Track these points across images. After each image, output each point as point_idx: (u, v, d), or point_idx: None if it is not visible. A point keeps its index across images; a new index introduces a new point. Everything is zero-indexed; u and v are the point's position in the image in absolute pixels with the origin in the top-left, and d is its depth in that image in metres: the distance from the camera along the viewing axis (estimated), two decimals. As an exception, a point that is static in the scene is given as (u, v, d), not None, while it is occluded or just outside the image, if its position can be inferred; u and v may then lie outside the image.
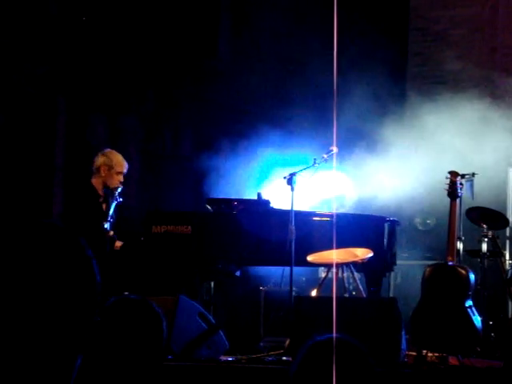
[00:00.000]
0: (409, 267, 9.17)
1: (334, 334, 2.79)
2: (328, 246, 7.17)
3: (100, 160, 7.52)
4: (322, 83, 8.44)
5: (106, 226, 7.05)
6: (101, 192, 7.52)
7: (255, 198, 7.85)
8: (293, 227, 7.01)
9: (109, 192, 7.45)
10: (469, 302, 6.78)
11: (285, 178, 7.17)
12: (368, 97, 9.63)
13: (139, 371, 2.84)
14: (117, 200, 7.20)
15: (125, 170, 7.54)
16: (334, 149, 7.25)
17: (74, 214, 7.47)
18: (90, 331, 1.77)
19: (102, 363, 2.73)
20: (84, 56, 9.83)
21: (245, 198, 8.20)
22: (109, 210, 7.19)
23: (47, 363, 1.69)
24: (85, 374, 2.34)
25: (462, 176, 7.52)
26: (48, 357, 1.70)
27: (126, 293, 6.30)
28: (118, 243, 7.44)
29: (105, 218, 7.11)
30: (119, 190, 7.25)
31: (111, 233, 7.17)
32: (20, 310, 1.68)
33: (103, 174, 7.48)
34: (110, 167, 7.47)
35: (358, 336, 3.26)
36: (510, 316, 8.37)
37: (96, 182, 7.54)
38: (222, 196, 8.50)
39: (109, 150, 7.68)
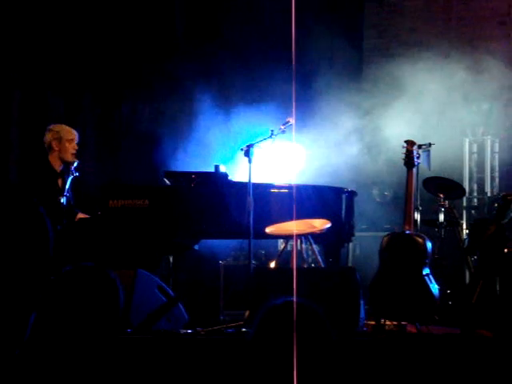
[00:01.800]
0: (367, 239, 9.22)
1: (294, 298, 2.79)
2: (286, 218, 7.18)
3: (48, 136, 7.50)
4: (281, 57, 8.42)
5: (63, 200, 7.01)
6: (58, 169, 7.47)
7: (213, 170, 7.82)
8: (251, 199, 6.98)
9: (65, 168, 7.42)
10: (426, 270, 6.82)
11: (242, 149, 7.13)
12: (325, 69, 9.64)
13: (96, 334, 2.81)
14: (73, 174, 7.16)
15: (75, 138, 7.49)
16: (291, 120, 7.23)
17: (29, 189, 7.39)
18: (44, 288, 1.75)
19: (58, 327, 2.70)
20: (40, 30, 9.72)
21: (202, 170, 8.16)
22: (65, 185, 7.16)
23: (1, 316, 1.67)
24: (41, 336, 2.31)
25: (419, 146, 7.54)
26: (2, 310, 1.67)
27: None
28: (80, 215, 7.41)
29: (61, 192, 7.08)
30: (75, 164, 7.21)
31: (80, 215, 7.18)
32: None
33: (56, 148, 7.45)
34: (60, 138, 7.45)
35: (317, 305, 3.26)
36: (467, 284, 8.45)
37: (52, 158, 7.49)
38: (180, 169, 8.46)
39: (53, 124, 7.64)
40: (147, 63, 10.52)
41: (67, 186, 7.13)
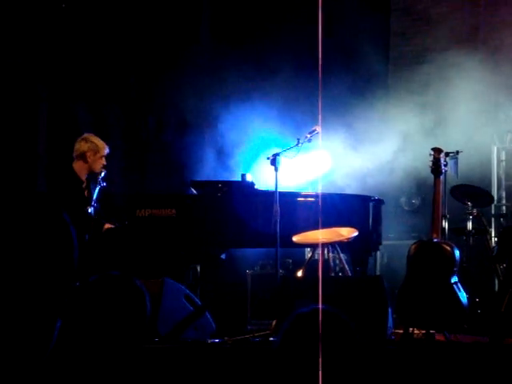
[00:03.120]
0: (395, 247, 9.17)
1: (320, 306, 2.77)
2: (313, 226, 7.16)
3: (84, 146, 7.48)
4: (306, 65, 8.41)
5: (90, 210, 7.04)
6: (83, 177, 7.50)
7: (239, 179, 7.83)
8: (277, 208, 6.98)
9: (91, 177, 7.45)
10: (454, 279, 6.77)
11: (268, 158, 7.13)
12: (351, 76, 9.63)
13: (123, 343, 2.82)
14: (100, 185, 7.20)
15: (107, 153, 7.54)
16: (318, 128, 7.23)
17: (55, 197, 7.42)
18: (69, 295, 1.75)
19: (85, 335, 2.71)
20: (66, 43, 9.78)
21: (229, 180, 8.17)
22: (92, 195, 7.18)
23: (27, 324, 1.67)
24: (68, 344, 2.32)
25: (447, 154, 7.50)
26: (28, 317, 1.68)
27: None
28: (107, 225, 7.43)
29: (88, 203, 7.11)
30: (102, 174, 7.24)
31: (95, 217, 7.18)
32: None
33: (89, 160, 7.47)
34: (96, 152, 7.47)
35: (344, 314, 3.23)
36: (495, 292, 8.39)
37: (79, 167, 7.51)
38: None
39: (88, 134, 7.64)
40: (172, 74, 10.56)
41: (95, 197, 7.15)
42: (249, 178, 7.78)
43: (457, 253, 6.85)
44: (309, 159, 8.09)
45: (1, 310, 1.65)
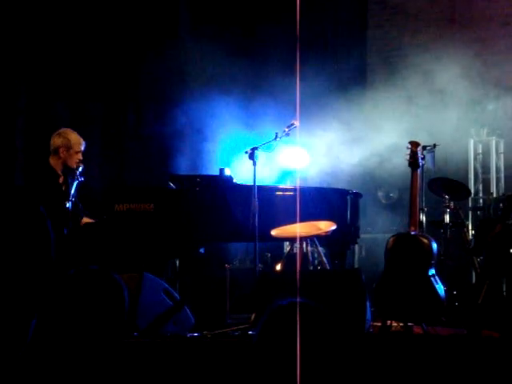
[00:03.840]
0: (373, 240, 9.22)
1: (298, 299, 2.78)
2: (291, 220, 7.18)
3: (57, 141, 7.46)
4: (285, 59, 8.42)
5: (68, 205, 7.02)
6: (60, 172, 7.48)
7: (217, 174, 7.82)
8: (256, 202, 6.99)
9: (68, 171, 7.41)
10: (432, 271, 6.81)
11: (246, 152, 7.14)
12: (329, 71, 9.64)
13: (102, 337, 2.82)
14: (78, 179, 7.17)
15: (83, 148, 7.50)
16: (296, 122, 7.24)
17: (31, 192, 7.40)
18: (47, 289, 1.75)
19: (63, 329, 2.71)
20: (44, 39, 9.74)
21: (207, 174, 8.17)
22: (70, 190, 7.16)
23: (3, 317, 1.68)
24: (45, 338, 2.32)
25: (424, 147, 7.54)
26: (4, 311, 1.68)
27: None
28: (85, 219, 7.42)
29: (66, 197, 7.09)
30: (80, 169, 7.21)
31: (85, 220, 7.18)
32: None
33: (62, 155, 7.44)
34: (69, 147, 7.43)
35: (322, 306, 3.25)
36: (473, 284, 8.44)
37: (54, 162, 7.48)
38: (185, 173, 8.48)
39: (64, 129, 7.60)
40: (150, 67, 10.54)
41: (72, 191, 7.13)
42: (227, 172, 7.78)
43: (434, 246, 6.89)
44: (286, 154, 8.10)
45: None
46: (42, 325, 1.82)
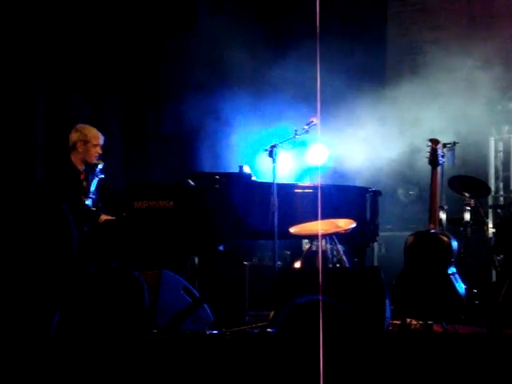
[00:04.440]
0: (393, 238, 9.19)
1: (320, 296, 2.78)
2: (311, 218, 7.17)
3: (74, 136, 7.51)
4: (304, 57, 8.40)
5: (88, 202, 7.05)
6: (81, 168, 7.51)
7: (237, 171, 7.82)
8: (275, 199, 6.99)
9: (89, 169, 7.44)
10: (452, 269, 6.79)
11: (266, 150, 7.14)
12: (348, 68, 9.61)
13: (122, 334, 2.83)
14: (98, 176, 7.19)
15: (101, 142, 7.52)
16: (315, 120, 7.23)
17: (53, 188, 7.42)
18: (68, 286, 1.76)
19: (84, 326, 2.72)
20: (64, 35, 9.77)
21: (227, 171, 8.17)
22: (90, 187, 7.18)
23: (26, 315, 1.69)
24: (67, 335, 2.32)
25: (444, 145, 7.51)
26: (26, 309, 1.69)
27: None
28: (103, 217, 7.43)
29: (86, 194, 7.11)
30: (100, 166, 7.24)
31: (93, 209, 7.17)
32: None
33: (80, 150, 7.48)
34: (86, 142, 7.47)
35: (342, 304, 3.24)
36: (493, 283, 8.40)
37: (75, 158, 7.53)
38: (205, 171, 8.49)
39: (81, 124, 7.64)
40: (170, 64, 10.56)
41: (93, 188, 7.15)
42: (246, 169, 7.79)
43: (454, 244, 6.87)
44: (306, 151, 8.10)
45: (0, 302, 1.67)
46: (63, 322, 1.83)
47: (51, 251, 1.71)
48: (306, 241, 8.55)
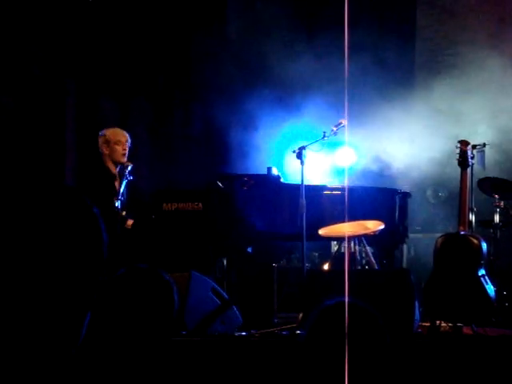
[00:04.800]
0: (422, 240, 9.15)
1: (346, 298, 2.77)
2: (339, 219, 7.16)
3: (99, 142, 7.65)
4: (333, 57, 8.39)
5: (117, 204, 7.08)
6: (114, 172, 7.58)
7: (265, 173, 7.83)
8: (303, 201, 6.99)
9: (121, 171, 7.49)
10: (481, 271, 6.75)
11: (294, 151, 7.14)
12: (378, 70, 9.59)
13: (151, 336, 2.84)
14: (127, 178, 7.23)
15: (123, 139, 7.56)
16: (343, 121, 7.23)
17: (84, 191, 7.47)
18: (98, 288, 1.77)
19: (114, 328, 2.73)
20: (93, 38, 9.83)
21: (255, 173, 8.18)
22: (119, 188, 7.23)
23: (56, 317, 1.69)
24: (96, 338, 2.34)
25: (474, 146, 7.48)
26: (57, 311, 1.70)
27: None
28: (130, 222, 7.46)
29: (116, 196, 7.15)
30: (129, 168, 7.27)
31: (123, 213, 7.20)
32: (29, 263, 1.68)
33: (106, 152, 7.56)
34: (108, 142, 7.56)
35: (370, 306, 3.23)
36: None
37: (107, 162, 7.60)
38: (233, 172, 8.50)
39: (104, 129, 7.73)
40: (198, 66, 10.58)
41: (122, 190, 7.19)
42: (274, 171, 7.79)
43: (484, 245, 6.83)
44: (336, 153, 8.09)
45: (31, 304, 1.67)
46: (94, 324, 1.83)
47: (81, 255, 1.71)
48: (335, 242, 8.55)
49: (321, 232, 7.27)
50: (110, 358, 2.79)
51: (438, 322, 6.75)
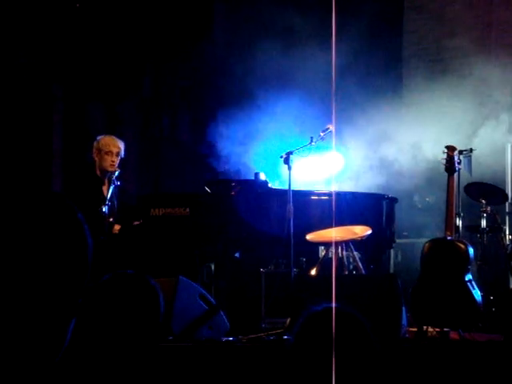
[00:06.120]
0: (409, 245, 9.17)
1: (333, 303, 2.77)
2: (327, 225, 7.17)
3: (93, 146, 7.63)
4: (320, 62, 8.40)
5: (104, 209, 7.08)
6: (102, 178, 7.57)
7: (253, 178, 7.83)
8: (291, 206, 6.99)
9: (108, 176, 7.49)
10: (468, 276, 6.76)
11: (281, 157, 7.15)
12: (364, 75, 9.61)
13: (137, 341, 2.83)
14: (114, 183, 7.24)
15: (114, 150, 7.55)
16: (331, 127, 7.24)
17: (69, 197, 7.46)
18: (83, 295, 1.76)
19: (98, 334, 2.72)
20: (80, 43, 9.82)
21: (243, 178, 8.19)
22: (107, 194, 7.23)
23: (40, 324, 1.68)
24: (81, 345, 2.33)
25: (460, 152, 7.50)
26: (41, 317, 1.69)
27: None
28: (117, 226, 7.45)
29: (103, 202, 7.14)
30: (116, 173, 7.28)
31: (110, 219, 7.20)
32: (12, 268, 1.67)
33: (97, 159, 7.57)
34: (99, 150, 7.56)
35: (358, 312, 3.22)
36: (510, 290, 8.36)
37: (97, 168, 7.61)
38: (221, 178, 8.50)
39: (100, 136, 7.73)
40: (185, 71, 10.58)
41: (109, 195, 7.19)
42: (262, 176, 7.79)
43: (471, 250, 6.84)
44: (322, 159, 8.09)
45: (14, 311, 1.66)
46: (78, 330, 1.82)
47: (66, 261, 1.71)
48: (322, 248, 8.55)
49: (308, 237, 7.27)
50: (96, 364, 2.78)
51: (425, 327, 6.76)
